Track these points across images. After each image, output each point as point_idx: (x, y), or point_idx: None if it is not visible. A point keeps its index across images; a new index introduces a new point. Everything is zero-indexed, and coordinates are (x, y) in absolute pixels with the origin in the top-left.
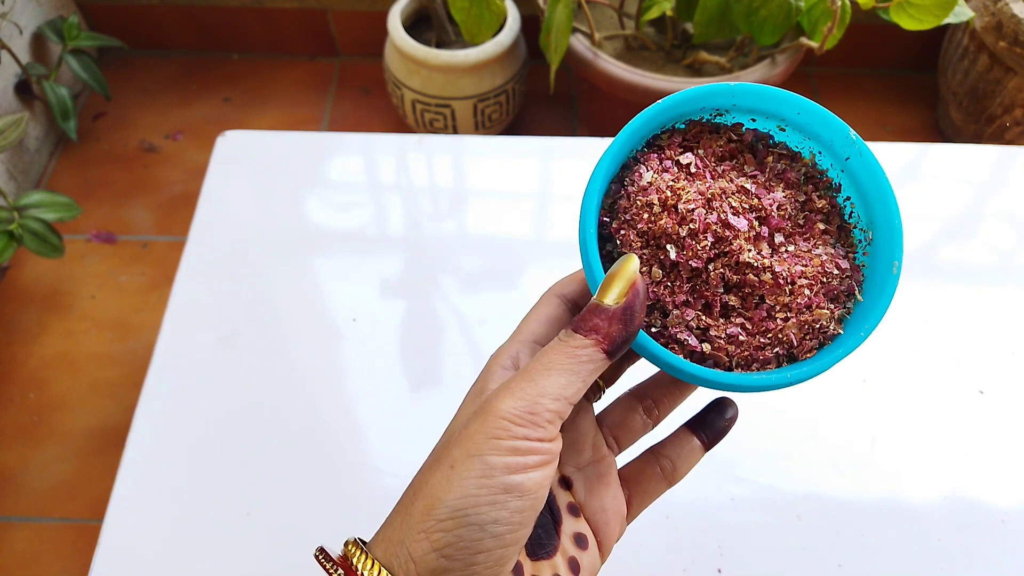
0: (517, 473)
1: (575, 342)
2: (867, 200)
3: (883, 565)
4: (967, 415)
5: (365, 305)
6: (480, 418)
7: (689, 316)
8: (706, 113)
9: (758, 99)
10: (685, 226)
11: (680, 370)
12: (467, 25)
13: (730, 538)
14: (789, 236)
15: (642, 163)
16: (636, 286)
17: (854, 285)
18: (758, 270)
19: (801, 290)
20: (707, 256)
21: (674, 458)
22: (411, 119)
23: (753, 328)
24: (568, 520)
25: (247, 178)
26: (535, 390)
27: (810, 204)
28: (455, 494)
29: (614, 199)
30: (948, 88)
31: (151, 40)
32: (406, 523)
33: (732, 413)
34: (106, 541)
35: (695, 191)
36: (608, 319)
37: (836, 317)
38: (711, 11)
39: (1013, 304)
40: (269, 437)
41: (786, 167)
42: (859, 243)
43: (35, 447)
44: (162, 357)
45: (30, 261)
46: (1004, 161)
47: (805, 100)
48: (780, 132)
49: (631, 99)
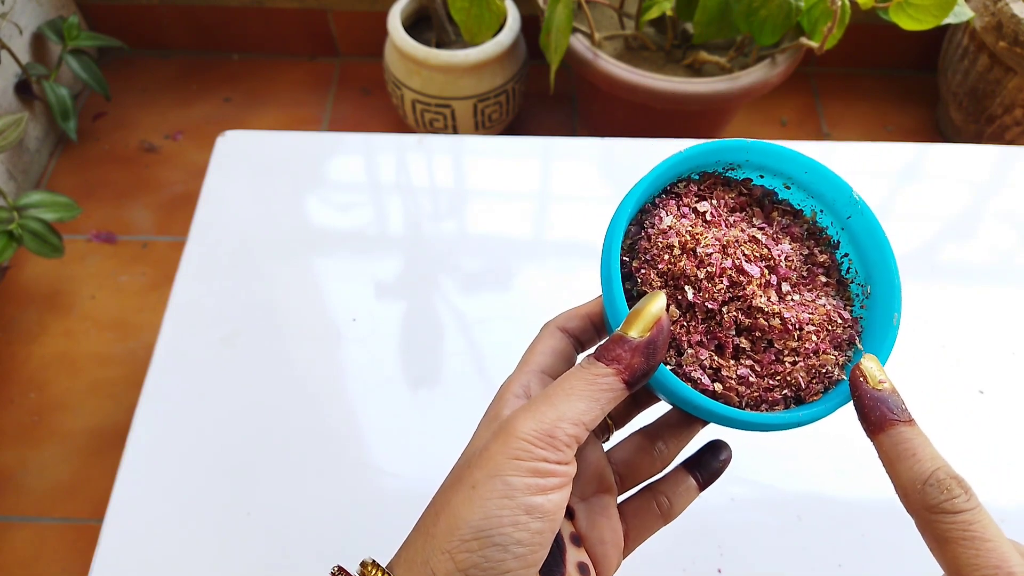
0: (538, 495)
1: (597, 370)
2: (865, 257)
3: (883, 565)
4: (967, 415)
5: (365, 305)
6: (500, 439)
7: (703, 356)
8: (719, 167)
9: (769, 157)
10: (703, 269)
11: (698, 406)
12: (467, 25)
13: (730, 538)
14: (795, 286)
15: (661, 208)
16: (661, 323)
17: (855, 335)
18: (768, 315)
19: (808, 336)
20: (723, 299)
21: (671, 496)
22: (411, 119)
23: (762, 370)
24: (571, 550)
25: (247, 178)
26: (555, 414)
27: (813, 258)
28: (478, 515)
29: (634, 240)
30: (948, 88)
31: (151, 40)
32: (429, 544)
33: (726, 455)
34: (106, 541)
35: (712, 237)
36: (631, 351)
37: (840, 363)
38: (711, 11)
39: (1013, 304)
40: (269, 437)
41: (790, 223)
42: (856, 296)
43: (35, 447)
44: (162, 357)
45: (30, 261)
46: (1004, 161)
47: (813, 160)
48: (785, 190)
49: (631, 99)
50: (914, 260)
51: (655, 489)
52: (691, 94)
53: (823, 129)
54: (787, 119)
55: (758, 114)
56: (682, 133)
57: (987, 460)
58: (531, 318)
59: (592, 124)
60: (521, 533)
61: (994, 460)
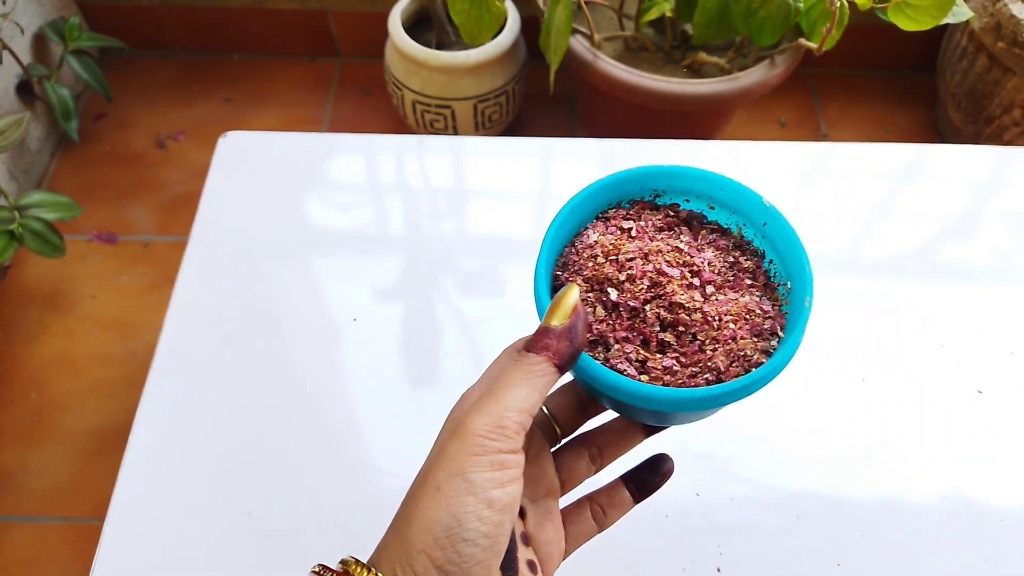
0: (497, 489)
1: (529, 360)
2: (783, 256)
3: (882, 565)
4: (967, 415)
5: (365, 305)
6: (457, 438)
7: (628, 350)
8: (646, 193)
9: (688, 180)
10: (624, 272)
11: (617, 387)
12: (467, 27)
13: (730, 538)
14: (719, 288)
15: (591, 229)
16: (577, 309)
17: (776, 325)
18: (690, 310)
19: (727, 324)
20: (644, 297)
21: (605, 506)
22: (411, 120)
23: (687, 360)
24: (522, 548)
25: (248, 178)
26: (500, 406)
27: (738, 265)
28: (445, 513)
29: (566, 257)
30: (947, 89)
31: (152, 41)
32: (405, 545)
33: (667, 468)
34: (107, 541)
35: (635, 247)
36: (556, 337)
37: (760, 349)
38: (710, 12)
39: (1013, 304)
40: (269, 437)
41: (717, 237)
42: (782, 296)
43: (35, 447)
44: (163, 357)
45: (31, 261)
46: (1003, 161)
47: (726, 178)
48: (711, 211)
49: (631, 100)
50: (914, 260)
51: (592, 498)
52: (690, 95)
53: (822, 130)
54: (786, 120)
55: (757, 115)
56: (681, 134)
57: (986, 460)
58: (531, 318)
59: (592, 125)
60: (485, 526)
61: (994, 460)
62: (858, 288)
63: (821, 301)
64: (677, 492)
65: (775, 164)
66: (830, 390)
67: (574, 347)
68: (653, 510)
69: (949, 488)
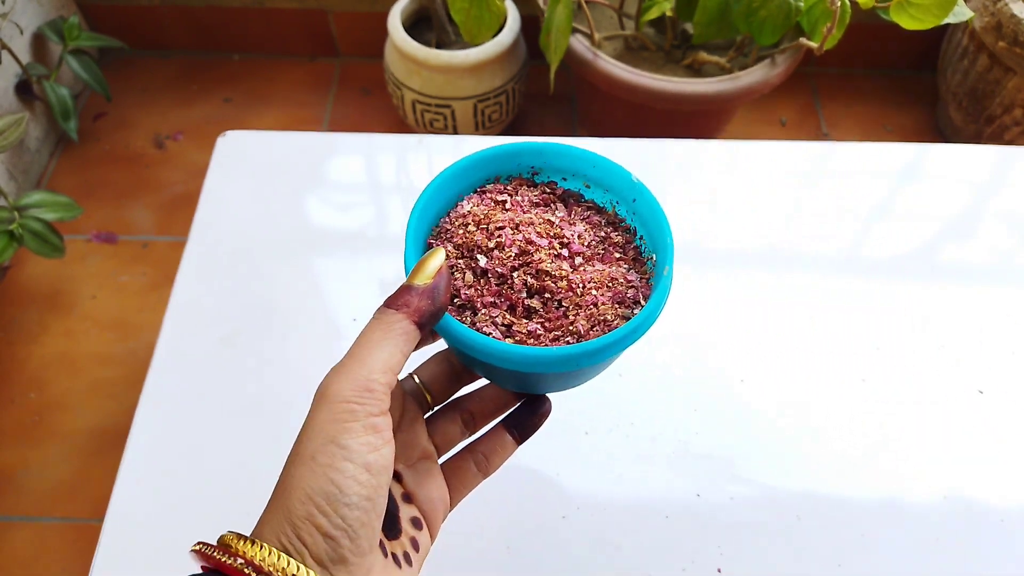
0: (372, 453)
1: (389, 317)
2: (650, 232)
3: (883, 565)
4: (967, 415)
5: (365, 305)
6: (323, 407)
7: (495, 314)
8: (524, 171)
9: (563, 158)
10: (494, 240)
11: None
12: (467, 26)
13: (730, 538)
14: (588, 260)
15: (466, 200)
16: (442, 270)
17: (640, 295)
18: (556, 278)
19: (589, 290)
20: (512, 264)
21: (488, 453)
22: (411, 119)
23: (551, 325)
24: (404, 507)
25: (248, 178)
26: (364, 369)
27: (608, 239)
28: (323, 481)
29: (441, 227)
30: (948, 88)
31: (151, 40)
32: (288, 515)
33: (544, 408)
34: (106, 541)
35: (506, 217)
36: (418, 295)
37: (621, 315)
38: (711, 11)
39: (1013, 304)
40: (270, 437)
41: (592, 214)
42: (650, 270)
43: (35, 447)
44: (163, 357)
45: (31, 261)
46: (1004, 161)
47: (597, 155)
48: (587, 190)
49: (631, 99)
50: (914, 260)
51: (473, 448)
52: (691, 94)
53: (823, 129)
54: (787, 119)
55: (758, 114)
56: (682, 133)
57: (987, 460)
58: None
59: (592, 124)
60: (365, 489)
61: (994, 460)
62: (858, 288)
63: (821, 301)
64: (677, 493)
65: (775, 164)
66: (830, 390)
67: (435, 306)
68: (653, 510)
69: (950, 488)
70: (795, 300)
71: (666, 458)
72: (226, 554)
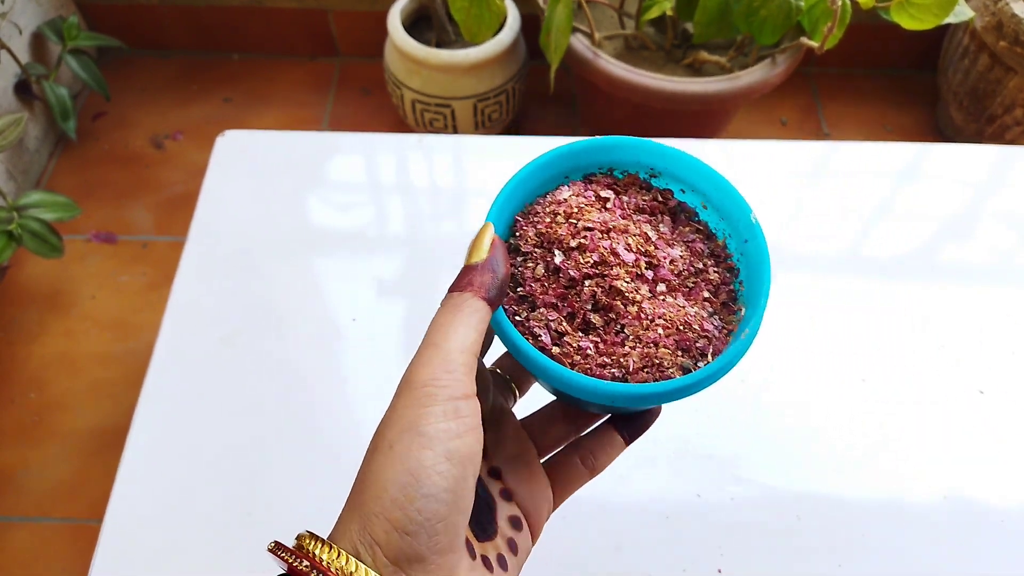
0: (454, 440)
1: (457, 299)
2: (751, 279)
3: (883, 565)
4: (967, 415)
5: (365, 305)
6: (404, 395)
7: (552, 317)
8: (643, 169)
9: (684, 167)
10: (577, 239)
11: (519, 350)
12: (467, 25)
13: (730, 538)
14: (672, 291)
15: (569, 185)
16: (496, 242)
17: (709, 348)
18: (628, 300)
19: (655, 327)
20: (586, 271)
21: (596, 451)
22: (411, 119)
23: (604, 348)
24: (502, 505)
25: (247, 178)
26: (441, 353)
27: (704, 274)
28: (400, 471)
29: (533, 206)
30: (948, 88)
31: (151, 40)
32: (362, 512)
33: (656, 410)
34: (106, 541)
35: (600, 218)
36: (479, 271)
37: (679, 364)
38: (711, 11)
39: (1013, 304)
40: (268, 436)
41: (696, 239)
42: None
43: (35, 447)
44: (162, 357)
45: (30, 261)
46: (1004, 161)
47: (723, 178)
48: (703, 210)
49: (631, 99)
50: (914, 260)
51: (579, 446)
52: (691, 94)
53: (823, 129)
54: (787, 119)
55: (758, 114)
56: (682, 133)
57: (987, 460)
58: None
59: (592, 124)
60: (446, 480)
61: (994, 460)
62: (858, 288)
63: (821, 301)
64: (678, 493)
65: (776, 163)
66: (830, 390)
67: (498, 278)
68: (654, 511)
69: (950, 488)
70: (795, 300)
71: (666, 458)
72: (295, 556)
